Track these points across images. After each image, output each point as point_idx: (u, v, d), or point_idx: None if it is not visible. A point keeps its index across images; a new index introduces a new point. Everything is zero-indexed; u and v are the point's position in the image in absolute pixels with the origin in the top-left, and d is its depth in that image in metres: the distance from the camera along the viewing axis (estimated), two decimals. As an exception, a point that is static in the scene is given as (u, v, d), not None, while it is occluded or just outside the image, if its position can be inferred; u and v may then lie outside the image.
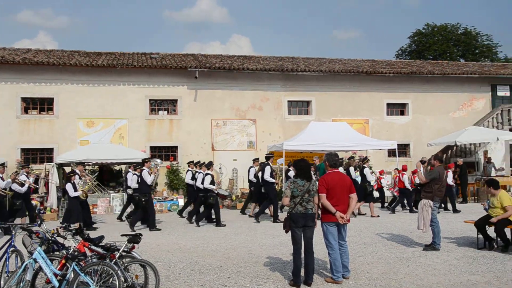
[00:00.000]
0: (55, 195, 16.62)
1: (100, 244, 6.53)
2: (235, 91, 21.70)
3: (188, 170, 16.24)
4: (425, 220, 9.22)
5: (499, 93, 25.16)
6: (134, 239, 6.49)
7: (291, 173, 14.84)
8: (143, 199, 12.92)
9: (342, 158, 17.56)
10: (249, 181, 15.85)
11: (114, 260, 6.06)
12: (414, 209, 15.28)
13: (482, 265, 8.02)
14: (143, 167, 13.27)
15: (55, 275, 5.98)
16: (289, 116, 22.42)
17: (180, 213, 15.96)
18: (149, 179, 12.96)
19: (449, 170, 16.32)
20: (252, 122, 21.78)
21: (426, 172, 9.87)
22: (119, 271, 5.83)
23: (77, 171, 14.09)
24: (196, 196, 14.81)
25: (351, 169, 15.52)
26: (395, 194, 16.87)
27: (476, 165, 21.88)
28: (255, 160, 15.96)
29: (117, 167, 19.91)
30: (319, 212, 7.21)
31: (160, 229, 12.88)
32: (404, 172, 16.42)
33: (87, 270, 5.91)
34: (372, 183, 15.48)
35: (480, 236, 9.41)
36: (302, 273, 7.00)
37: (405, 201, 16.28)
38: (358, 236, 11.12)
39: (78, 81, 20.24)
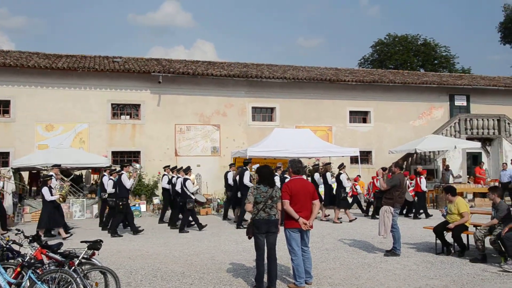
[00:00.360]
0: (11, 201, 16.08)
1: (59, 251, 6.34)
2: (199, 96, 21.59)
3: (164, 175, 16.19)
4: (386, 226, 9.37)
5: (457, 103, 25.94)
6: (94, 245, 6.33)
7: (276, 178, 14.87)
8: (120, 203, 12.86)
9: (306, 166, 17.73)
10: (227, 185, 16.00)
11: (73, 267, 5.89)
12: (376, 215, 15.52)
13: (440, 270, 8.21)
14: (122, 171, 13.29)
15: (9, 283, 5.76)
16: (253, 122, 22.47)
17: (161, 220, 15.76)
18: (128, 183, 13.01)
19: (422, 176, 16.75)
20: (216, 127, 21.71)
21: (387, 179, 10.04)
22: (78, 279, 5.68)
23: (53, 174, 13.62)
24: (172, 201, 14.89)
25: (328, 174, 15.83)
26: (371, 199, 17.13)
27: (435, 173, 22.46)
28: (232, 165, 16.22)
29: (77, 172, 19.44)
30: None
31: (143, 230, 13.06)
32: (379, 178, 16.61)
33: (44, 278, 5.72)
34: (347, 189, 15.76)
35: (439, 241, 9.64)
36: (265, 279, 6.98)
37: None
38: (321, 242, 11.20)
39: (37, 83, 19.70)
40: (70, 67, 19.71)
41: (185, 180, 13.77)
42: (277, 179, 14.76)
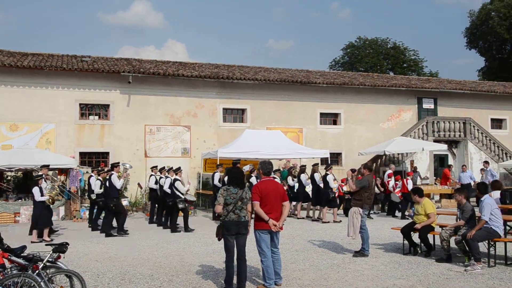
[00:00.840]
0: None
1: (22, 254, 6.17)
2: (170, 97, 21.40)
3: (151, 175, 16.25)
4: (355, 227, 9.46)
5: (425, 106, 26.45)
6: (60, 248, 6.19)
7: (253, 179, 15.48)
8: (112, 204, 12.92)
9: (274, 167, 17.78)
10: (214, 186, 16.20)
11: (37, 271, 5.74)
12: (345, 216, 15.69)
13: (407, 270, 8.33)
14: (112, 172, 13.35)
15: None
16: (224, 123, 22.40)
17: (151, 221, 15.77)
18: (118, 184, 13.06)
19: (409, 177, 17.35)
20: (187, 129, 21.56)
21: (356, 180, 10.15)
22: (42, 283, 5.54)
23: (43, 175, 13.42)
24: (159, 202, 15.04)
25: (316, 175, 16.08)
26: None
27: (403, 174, 22.80)
28: (219, 166, 16.56)
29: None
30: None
31: (128, 234, 12.99)
32: (348, 179, 16.87)
33: (6, 283, 5.55)
34: (334, 190, 15.98)
35: (406, 242, 9.78)
36: (235, 280, 6.97)
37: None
38: (290, 243, 11.23)
39: (0, 82, 19.16)
40: (37, 66, 19.25)
41: (175, 180, 13.89)
42: (253, 180, 14.99)
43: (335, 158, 23.71)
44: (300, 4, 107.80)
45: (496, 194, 11.76)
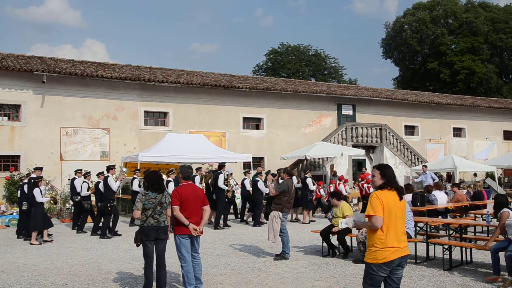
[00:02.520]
0: None
1: None
2: (88, 98, 20.53)
3: (134, 178, 15.97)
4: (275, 231, 9.53)
5: (344, 112, 27.38)
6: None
7: (247, 181, 16.09)
8: (108, 206, 13.06)
9: (201, 171, 17.69)
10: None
11: None
12: (265, 220, 15.80)
13: (325, 271, 8.51)
14: (108, 174, 13.53)
15: None
16: (146, 126, 21.88)
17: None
18: (114, 186, 13.23)
19: (341, 182, 18.08)
20: (106, 131, 20.80)
21: (276, 184, 10.25)
22: None
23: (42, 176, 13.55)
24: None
25: (294, 178, 15.96)
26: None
27: (324, 178, 23.45)
28: (198, 169, 16.61)
29: None
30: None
31: (120, 235, 13.28)
32: (340, 182, 18.18)
33: None
34: (313, 192, 16.86)
35: (325, 244, 10.00)
36: (154, 287, 6.80)
37: None
38: (212, 247, 11.13)
39: None
40: None
41: (168, 182, 14.18)
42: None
43: (258, 162, 23.87)
44: (224, 8, 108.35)
45: (408, 197, 12.35)
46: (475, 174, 26.77)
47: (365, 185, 17.98)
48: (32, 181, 12.76)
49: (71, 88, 20.17)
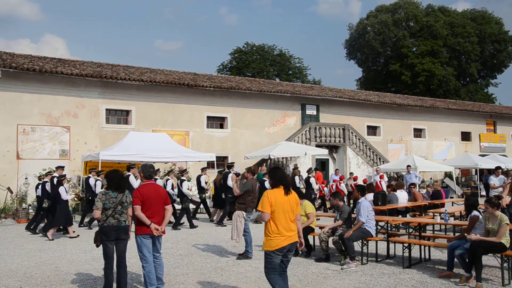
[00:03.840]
0: None
1: None
2: (47, 95, 19.93)
3: (128, 175, 15.68)
4: (238, 230, 9.52)
5: (308, 112, 27.60)
6: None
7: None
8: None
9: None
10: (200, 188, 16.65)
11: None
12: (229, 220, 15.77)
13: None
14: (129, 173, 14.40)
15: None
16: (107, 125, 21.44)
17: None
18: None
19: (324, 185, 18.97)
20: (66, 129, 20.27)
21: (240, 184, 10.22)
22: None
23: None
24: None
25: (296, 178, 17.88)
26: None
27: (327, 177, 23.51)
28: (204, 169, 17.32)
29: None
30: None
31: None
32: (341, 181, 18.92)
33: None
34: (316, 191, 17.53)
35: (288, 243, 10.02)
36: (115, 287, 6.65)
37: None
38: (174, 247, 11.02)
39: None
40: None
41: (182, 181, 15.37)
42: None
43: (222, 161, 23.78)
44: (188, 6, 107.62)
45: (370, 196, 12.54)
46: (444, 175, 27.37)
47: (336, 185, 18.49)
48: (57, 179, 13.28)
49: (29, 85, 19.54)
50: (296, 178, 18.02)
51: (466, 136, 34.49)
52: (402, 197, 13.97)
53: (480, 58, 50.15)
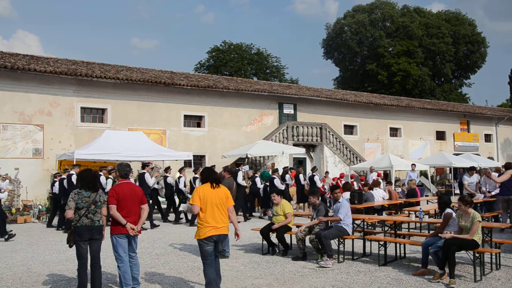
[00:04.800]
0: None
1: None
2: (20, 93, 19.51)
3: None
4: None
5: (285, 111, 27.66)
6: None
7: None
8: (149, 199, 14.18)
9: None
10: (178, 190, 16.34)
11: None
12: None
13: (265, 269, 8.53)
14: (144, 171, 14.94)
15: None
16: (82, 123, 21.10)
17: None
18: (151, 182, 14.81)
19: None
20: (39, 128, 19.89)
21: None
22: None
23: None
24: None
25: (301, 176, 18.94)
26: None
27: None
28: (182, 169, 17.30)
29: None
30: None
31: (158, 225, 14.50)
32: (342, 179, 19.60)
33: None
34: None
35: (265, 242, 10.03)
36: (89, 288, 6.56)
37: None
38: (151, 247, 10.92)
39: None
40: None
41: (179, 178, 15.98)
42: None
43: (199, 160, 23.70)
44: (164, 3, 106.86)
45: (346, 195, 12.65)
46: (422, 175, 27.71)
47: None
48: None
49: (1, 82, 19.10)
50: (300, 176, 18.86)
51: (441, 135, 35.05)
52: (378, 196, 14.11)
53: (454, 59, 51.02)
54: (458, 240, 7.57)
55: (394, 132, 32.75)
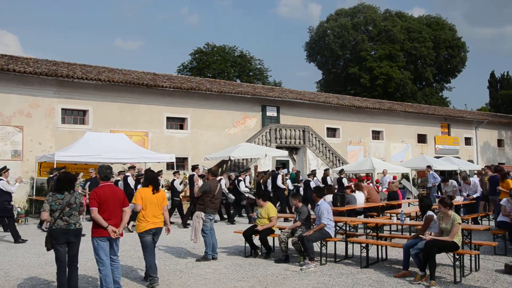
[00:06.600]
0: None
1: None
2: (-2, 94, 19.23)
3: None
4: (197, 231, 9.46)
5: (268, 113, 27.69)
6: None
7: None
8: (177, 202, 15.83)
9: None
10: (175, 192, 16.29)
11: None
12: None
13: (247, 272, 8.51)
14: (175, 178, 16.12)
15: None
16: (63, 125, 20.85)
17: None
18: (179, 188, 15.88)
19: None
20: (19, 129, 19.58)
21: (200, 185, 10.15)
22: None
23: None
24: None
25: (328, 178, 19.58)
26: None
27: (250, 178, 23.47)
28: (176, 172, 16.89)
29: None
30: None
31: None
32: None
33: None
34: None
35: (248, 244, 10.01)
36: (67, 291, 6.47)
37: None
38: (133, 250, 10.80)
39: None
40: None
41: (239, 181, 17.27)
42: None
43: (182, 163, 23.59)
44: (148, 4, 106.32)
45: (329, 197, 12.69)
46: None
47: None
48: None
49: (-20, 83, 18.81)
50: (328, 178, 19.58)
51: (422, 138, 35.42)
52: (360, 198, 14.19)
53: (435, 63, 51.62)
54: (439, 242, 7.65)
55: (376, 135, 33.01)
